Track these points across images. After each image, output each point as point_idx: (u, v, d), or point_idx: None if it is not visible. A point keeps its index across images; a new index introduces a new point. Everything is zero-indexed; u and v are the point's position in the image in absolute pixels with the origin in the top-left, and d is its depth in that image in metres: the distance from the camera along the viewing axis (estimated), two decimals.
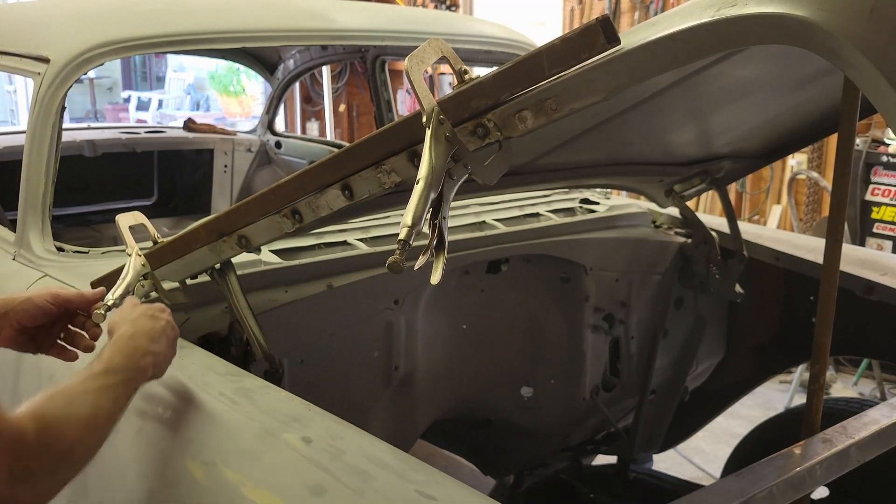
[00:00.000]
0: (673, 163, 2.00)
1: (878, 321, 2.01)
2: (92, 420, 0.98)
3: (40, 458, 0.89)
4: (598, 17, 0.86)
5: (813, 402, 1.41)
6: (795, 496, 1.22)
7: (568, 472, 2.54)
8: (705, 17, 0.84)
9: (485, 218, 2.03)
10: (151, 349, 1.13)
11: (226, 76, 9.81)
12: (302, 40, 2.55)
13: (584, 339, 2.21)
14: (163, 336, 1.18)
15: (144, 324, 1.17)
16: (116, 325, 1.17)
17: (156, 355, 1.14)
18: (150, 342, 1.14)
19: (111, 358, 1.08)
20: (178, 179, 3.70)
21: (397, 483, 0.97)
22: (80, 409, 0.97)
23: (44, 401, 0.95)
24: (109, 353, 1.08)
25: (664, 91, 1.37)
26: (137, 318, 1.18)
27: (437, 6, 6.61)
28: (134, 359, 1.10)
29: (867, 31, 0.72)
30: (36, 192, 1.77)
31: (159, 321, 1.19)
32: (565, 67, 0.90)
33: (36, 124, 1.79)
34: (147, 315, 1.20)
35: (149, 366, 1.11)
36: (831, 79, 1.42)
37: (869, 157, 4.35)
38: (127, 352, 1.10)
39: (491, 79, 0.95)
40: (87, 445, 0.97)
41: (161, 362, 1.16)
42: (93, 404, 0.99)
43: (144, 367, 1.10)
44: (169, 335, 1.20)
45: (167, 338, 1.19)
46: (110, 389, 1.03)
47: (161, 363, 1.16)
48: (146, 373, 1.11)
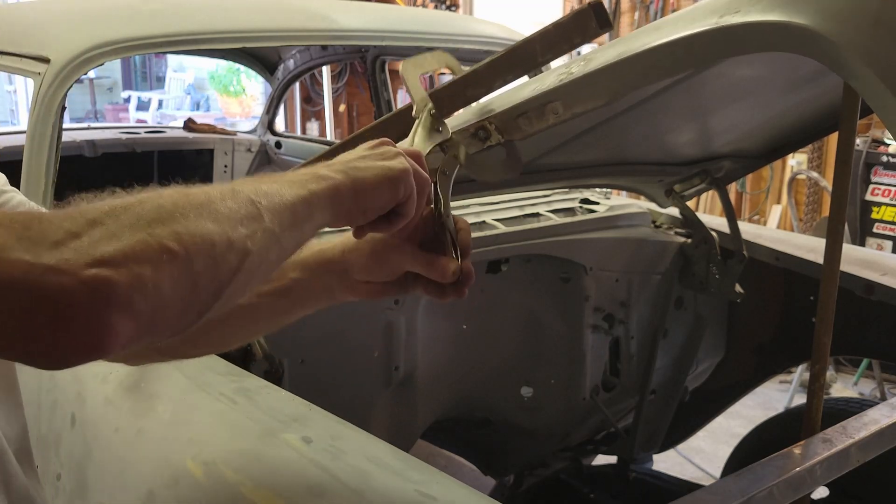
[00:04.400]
0: (673, 163, 2.00)
1: (878, 321, 2.01)
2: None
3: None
4: (590, 2, 0.86)
5: (813, 402, 1.41)
6: (795, 496, 1.22)
7: (568, 472, 2.54)
8: (708, 24, 0.84)
9: (485, 218, 2.03)
10: (321, 165, 0.82)
11: (226, 76, 9.81)
12: (302, 40, 2.55)
13: (584, 339, 2.21)
14: (353, 154, 0.85)
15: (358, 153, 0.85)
16: None
17: (330, 167, 0.81)
18: (318, 165, 0.82)
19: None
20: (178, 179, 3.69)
21: (397, 483, 0.97)
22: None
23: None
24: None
25: (664, 91, 1.37)
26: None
27: (437, 6, 6.61)
28: (290, 175, 0.79)
29: (870, 40, 0.72)
30: (36, 192, 1.77)
31: (356, 150, 0.87)
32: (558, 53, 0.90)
33: (36, 124, 1.79)
34: (373, 143, 0.88)
35: (314, 172, 0.80)
36: (831, 79, 1.42)
37: (869, 157, 4.35)
38: (281, 175, 0.79)
39: (484, 67, 0.95)
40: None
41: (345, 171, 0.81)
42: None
43: (307, 174, 0.79)
44: (368, 153, 0.85)
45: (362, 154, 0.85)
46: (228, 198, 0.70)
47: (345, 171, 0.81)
48: (309, 179, 0.78)
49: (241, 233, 0.68)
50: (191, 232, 0.64)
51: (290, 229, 0.75)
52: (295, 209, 0.75)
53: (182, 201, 0.66)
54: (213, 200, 0.68)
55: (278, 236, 0.73)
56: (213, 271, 0.66)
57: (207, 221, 0.66)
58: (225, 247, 0.66)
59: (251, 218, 0.70)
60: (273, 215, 0.72)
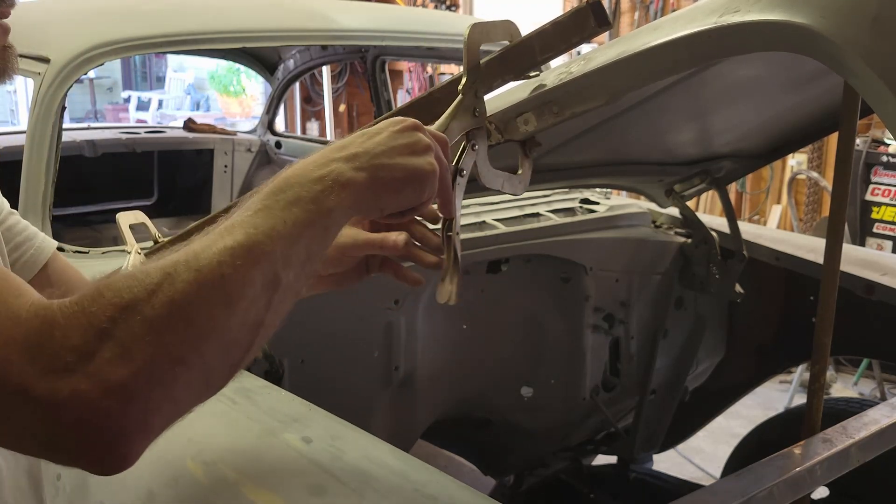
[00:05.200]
0: (673, 163, 2.00)
1: (878, 321, 2.01)
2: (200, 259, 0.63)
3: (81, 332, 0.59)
4: (588, 1, 0.86)
5: (813, 402, 1.41)
6: (795, 496, 1.21)
7: (568, 472, 2.54)
8: (708, 24, 0.84)
9: (485, 218, 2.03)
10: (342, 156, 0.74)
11: (226, 76, 9.81)
12: (302, 40, 2.55)
13: (584, 339, 2.21)
14: (380, 140, 0.77)
15: (354, 137, 0.78)
16: None
17: (351, 162, 0.73)
18: (340, 150, 0.75)
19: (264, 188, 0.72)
20: (178, 179, 3.70)
21: (397, 483, 0.97)
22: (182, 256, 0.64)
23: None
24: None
25: (664, 91, 1.37)
26: (380, 124, 0.80)
27: (437, 6, 6.60)
28: (305, 173, 0.72)
29: (870, 39, 0.72)
30: (36, 193, 1.77)
31: (383, 132, 0.78)
32: (557, 53, 0.90)
33: (36, 124, 1.79)
34: (396, 121, 0.80)
35: (332, 176, 0.72)
36: (831, 78, 1.42)
37: (869, 157, 4.35)
38: (296, 169, 0.73)
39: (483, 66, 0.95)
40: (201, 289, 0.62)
41: (366, 166, 0.74)
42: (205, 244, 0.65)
43: (324, 179, 0.71)
44: (396, 143, 0.77)
45: (389, 144, 0.77)
46: (247, 220, 0.67)
47: (367, 169, 0.74)
48: (327, 186, 0.71)
49: (258, 309, 0.66)
50: (205, 332, 0.62)
51: (308, 264, 0.71)
52: (312, 245, 0.70)
53: (192, 289, 0.62)
54: (227, 279, 0.63)
55: (295, 287, 0.70)
56: (228, 359, 0.65)
57: (222, 309, 0.63)
58: (240, 330, 0.65)
59: (268, 286, 0.66)
60: (291, 267, 0.68)
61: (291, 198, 0.70)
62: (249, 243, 0.65)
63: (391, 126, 0.78)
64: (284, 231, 0.67)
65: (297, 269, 0.69)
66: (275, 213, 0.68)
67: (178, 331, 0.60)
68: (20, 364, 0.57)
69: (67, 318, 0.60)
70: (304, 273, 0.70)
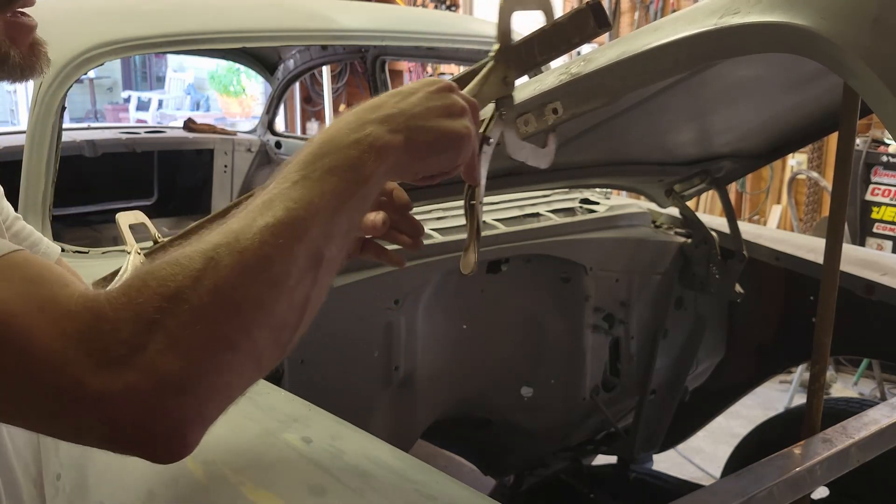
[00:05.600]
0: (673, 163, 2.00)
1: (878, 321, 2.01)
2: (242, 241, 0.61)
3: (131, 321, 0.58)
4: (588, 2, 0.86)
5: (813, 402, 1.41)
6: (795, 496, 1.22)
7: (568, 472, 2.54)
8: (708, 25, 0.84)
9: (485, 218, 2.03)
10: (376, 117, 0.71)
11: (226, 76, 9.81)
12: (302, 40, 2.55)
13: (584, 339, 2.21)
14: (415, 100, 0.74)
15: (387, 97, 0.75)
16: None
17: (386, 124, 0.71)
18: (374, 110, 0.72)
19: (297, 156, 0.70)
20: (178, 179, 3.70)
21: (397, 483, 0.97)
22: (218, 237, 0.62)
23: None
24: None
25: (664, 91, 1.37)
26: (413, 83, 0.77)
27: (437, 6, 6.61)
28: (340, 137, 0.69)
29: (869, 40, 0.72)
30: (36, 192, 1.77)
31: (418, 92, 0.75)
32: (557, 53, 0.90)
33: (36, 124, 1.79)
34: (429, 80, 0.77)
35: (368, 140, 0.69)
36: (831, 79, 1.42)
37: (869, 157, 4.35)
38: (331, 132, 0.70)
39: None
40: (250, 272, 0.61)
41: (402, 128, 0.71)
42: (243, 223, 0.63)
43: (360, 143, 0.69)
44: (432, 105, 0.74)
45: (425, 105, 0.74)
46: (284, 193, 0.65)
47: (403, 131, 0.71)
48: (363, 152, 0.68)
49: (304, 286, 0.65)
50: (253, 316, 0.61)
51: (349, 235, 0.70)
52: (353, 214, 0.69)
53: (236, 273, 0.60)
54: (270, 260, 0.62)
55: (338, 259, 0.69)
56: (278, 339, 0.64)
57: (268, 291, 0.62)
58: (288, 310, 0.64)
59: (312, 262, 0.65)
60: (333, 240, 0.67)
61: (328, 166, 0.67)
62: (290, 219, 0.63)
63: (426, 86, 0.76)
64: (323, 203, 0.65)
65: (339, 241, 0.67)
66: (313, 185, 0.66)
67: (227, 317, 0.60)
68: (76, 358, 0.57)
69: (116, 309, 0.59)
70: (345, 244, 0.69)
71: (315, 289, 0.66)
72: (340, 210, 0.67)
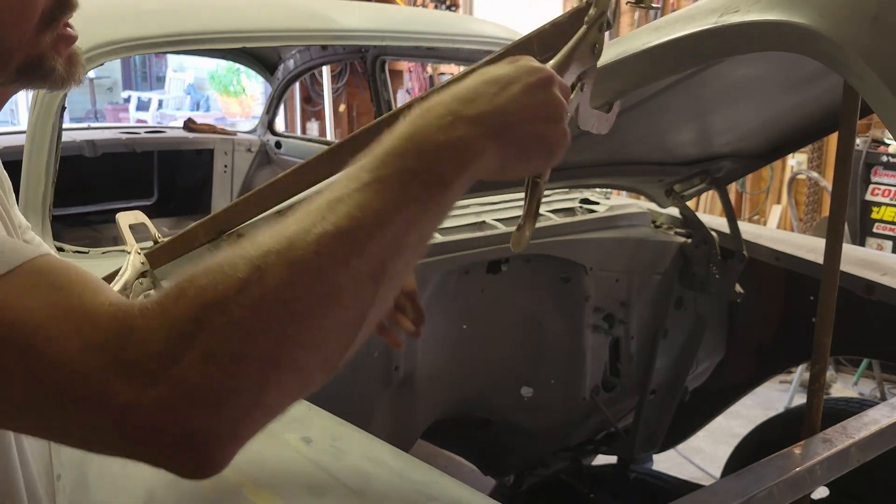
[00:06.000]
0: (673, 163, 2.00)
1: (878, 321, 2.01)
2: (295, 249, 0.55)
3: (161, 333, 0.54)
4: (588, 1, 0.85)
5: (813, 402, 1.41)
6: (795, 496, 1.22)
7: (568, 472, 2.54)
8: (708, 24, 0.84)
9: (485, 218, 2.03)
10: (469, 115, 0.63)
11: (226, 76, 9.81)
12: (302, 40, 2.55)
13: (584, 339, 2.21)
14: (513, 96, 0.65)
15: (481, 84, 0.66)
16: None
17: (480, 125, 0.63)
18: (466, 104, 0.64)
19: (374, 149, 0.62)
20: (178, 179, 3.70)
21: (397, 483, 0.97)
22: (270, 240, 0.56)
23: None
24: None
25: (664, 91, 1.37)
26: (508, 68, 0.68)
27: (437, 6, 6.61)
28: (426, 135, 0.61)
29: (869, 39, 0.72)
30: (36, 192, 1.77)
31: (516, 83, 0.66)
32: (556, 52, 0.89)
33: (36, 124, 1.79)
34: (527, 68, 0.68)
35: (458, 145, 0.61)
36: (831, 78, 1.42)
37: (869, 157, 4.35)
38: (413, 127, 0.62)
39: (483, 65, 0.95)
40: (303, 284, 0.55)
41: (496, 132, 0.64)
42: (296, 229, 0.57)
43: (447, 147, 0.61)
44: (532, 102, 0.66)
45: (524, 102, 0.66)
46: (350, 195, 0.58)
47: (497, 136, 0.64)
48: (449, 156, 0.61)
49: (361, 304, 0.58)
50: (299, 333, 0.55)
51: (419, 247, 0.62)
52: (426, 225, 0.61)
53: (284, 286, 0.55)
54: (325, 273, 0.56)
55: (404, 274, 0.61)
56: (325, 359, 0.58)
57: (319, 307, 0.56)
58: (339, 329, 0.58)
59: (374, 278, 0.58)
60: (400, 254, 0.59)
61: (406, 168, 0.60)
62: (352, 228, 0.57)
63: (526, 75, 0.67)
64: (395, 212, 0.58)
65: (408, 255, 0.60)
66: (385, 189, 0.58)
67: (269, 332, 0.54)
68: (100, 370, 0.54)
69: (147, 319, 0.55)
70: (415, 257, 0.61)
71: (374, 306, 0.59)
72: (414, 220, 0.59)
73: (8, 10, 0.71)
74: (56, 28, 0.76)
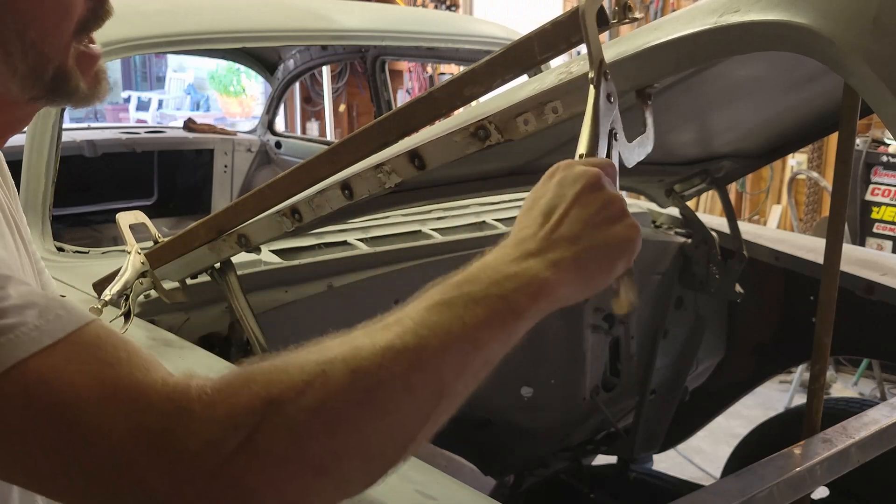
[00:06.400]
0: (673, 162, 2.00)
1: (878, 321, 2.01)
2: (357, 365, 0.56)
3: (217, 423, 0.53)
4: None
5: (813, 402, 1.41)
6: (795, 496, 1.21)
7: (568, 472, 2.54)
8: (707, 24, 0.84)
9: (485, 218, 2.03)
10: (537, 248, 0.64)
11: (226, 76, 9.82)
12: (302, 40, 2.55)
13: (584, 339, 2.21)
14: (575, 220, 0.65)
15: (535, 224, 0.65)
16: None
17: (548, 256, 0.63)
18: (533, 240, 0.64)
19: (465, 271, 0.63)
20: (178, 179, 3.70)
21: (397, 483, 0.97)
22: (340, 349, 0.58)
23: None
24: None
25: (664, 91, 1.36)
26: (549, 187, 0.68)
27: (437, 6, 6.60)
28: (497, 267, 0.62)
29: (869, 39, 0.72)
30: (36, 193, 1.77)
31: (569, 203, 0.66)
32: (557, 52, 0.89)
33: (36, 124, 1.79)
34: (567, 179, 0.67)
35: (528, 274, 0.62)
36: (831, 78, 1.42)
37: (869, 157, 4.35)
38: (487, 259, 0.64)
39: (483, 66, 0.95)
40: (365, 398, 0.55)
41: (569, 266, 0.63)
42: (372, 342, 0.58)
43: (518, 276, 0.62)
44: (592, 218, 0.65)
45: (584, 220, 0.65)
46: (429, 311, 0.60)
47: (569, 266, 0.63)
48: (520, 286, 0.62)
49: (413, 422, 0.58)
50: (349, 444, 0.55)
51: (483, 372, 0.62)
52: (493, 351, 0.61)
53: (343, 393, 0.55)
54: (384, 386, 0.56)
55: (463, 397, 0.61)
56: (369, 472, 0.58)
57: (372, 420, 0.55)
58: (388, 445, 0.58)
59: (430, 398, 0.58)
60: (462, 377, 0.59)
61: (477, 294, 0.60)
62: (418, 346, 0.57)
63: (570, 189, 0.66)
64: (462, 334, 0.59)
65: (470, 379, 0.60)
66: (454, 311, 0.59)
67: (321, 440, 0.54)
68: (147, 455, 0.52)
69: (206, 406, 0.53)
70: (476, 382, 0.61)
71: (428, 424, 0.58)
72: (479, 344, 0.59)
73: (50, 14, 0.70)
74: (85, 38, 0.75)
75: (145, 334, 1.40)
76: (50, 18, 0.70)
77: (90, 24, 0.75)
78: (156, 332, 1.42)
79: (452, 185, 1.55)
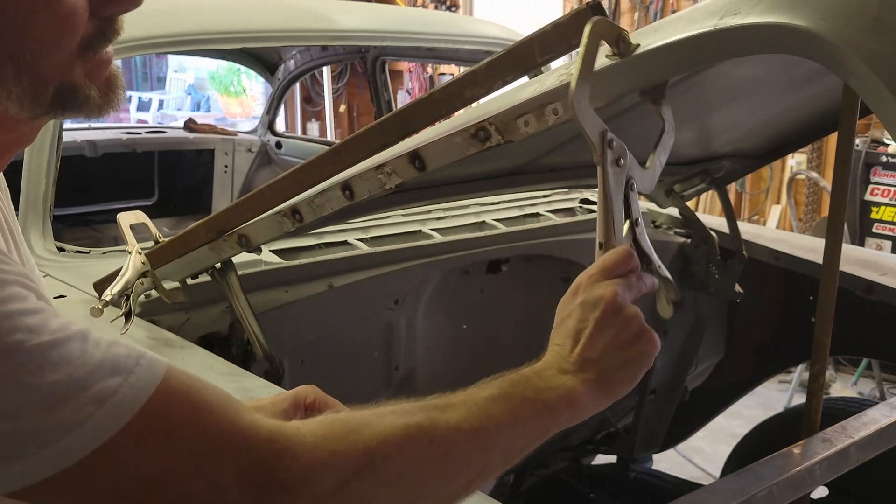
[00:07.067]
0: (673, 163, 1.99)
1: (878, 321, 2.01)
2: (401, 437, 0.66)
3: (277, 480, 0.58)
4: (588, 2, 0.85)
5: (812, 401, 1.41)
6: (795, 496, 1.22)
7: (568, 471, 2.54)
8: (708, 26, 0.84)
9: (485, 218, 2.03)
10: (573, 367, 0.77)
11: (226, 76, 9.81)
12: (302, 41, 2.55)
13: None
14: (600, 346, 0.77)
15: (569, 344, 0.79)
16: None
17: (580, 375, 0.76)
18: (568, 360, 0.78)
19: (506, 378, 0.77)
20: (178, 180, 3.70)
21: None
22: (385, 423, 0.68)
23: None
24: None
25: None
26: (574, 308, 0.81)
27: (437, 6, 6.61)
28: (545, 377, 0.76)
29: (870, 41, 0.72)
30: (37, 193, 1.77)
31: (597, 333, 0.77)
32: (557, 54, 0.90)
33: None
34: (588, 304, 0.79)
35: (564, 389, 0.75)
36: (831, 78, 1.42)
37: (869, 157, 4.36)
38: (541, 369, 0.78)
39: (483, 68, 0.95)
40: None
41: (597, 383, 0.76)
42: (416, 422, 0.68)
43: (557, 389, 0.75)
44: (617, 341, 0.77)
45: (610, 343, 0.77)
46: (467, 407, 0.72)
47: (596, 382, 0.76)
48: (558, 396, 0.75)
49: (459, 487, 0.70)
50: (412, 500, 0.66)
51: (517, 458, 0.75)
52: (530, 443, 0.75)
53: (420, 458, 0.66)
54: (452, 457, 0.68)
55: (496, 474, 0.75)
56: None
57: (436, 482, 0.67)
58: (439, 501, 0.69)
59: (478, 471, 0.71)
60: (504, 459, 0.73)
61: (529, 395, 0.74)
62: (481, 429, 0.69)
63: (591, 312, 0.79)
64: (513, 426, 0.71)
65: (506, 461, 0.73)
66: (510, 406, 0.72)
67: (397, 494, 0.64)
68: (251, 494, 0.56)
69: (308, 449, 0.59)
70: (508, 465, 0.74)
71: (466, 492, 0.71)
72: (522, 436, 0.72)
73: (45, 34, 0.65)
74: (92, 58, 0.70)
75: (146, 334, 1.41)
76: (46, 38, 0.65)
77: (97, 42, 0.70)
78: (156, 331, 1.43)
79: (452, 186, 1.55)
